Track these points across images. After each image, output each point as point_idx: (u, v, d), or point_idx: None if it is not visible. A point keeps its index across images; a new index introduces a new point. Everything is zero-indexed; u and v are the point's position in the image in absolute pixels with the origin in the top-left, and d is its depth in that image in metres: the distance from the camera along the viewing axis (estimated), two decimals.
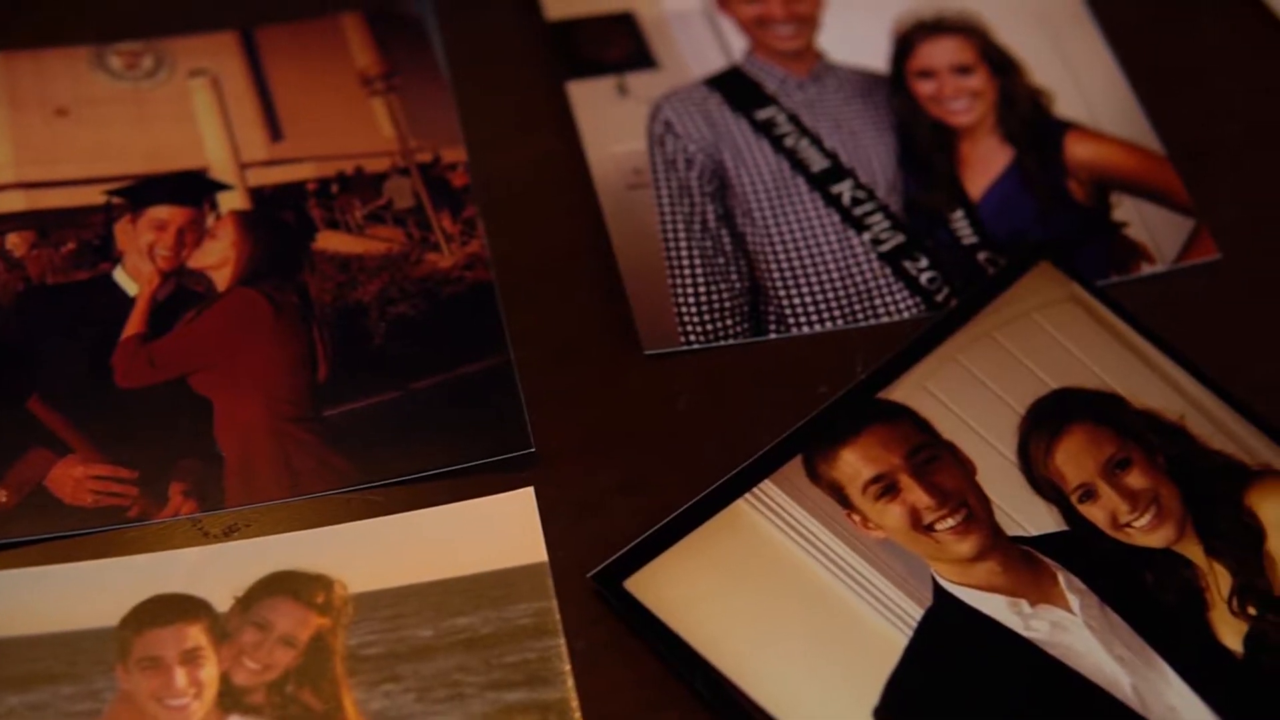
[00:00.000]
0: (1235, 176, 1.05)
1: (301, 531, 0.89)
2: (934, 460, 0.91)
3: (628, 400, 0.94)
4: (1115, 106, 1.08)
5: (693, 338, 0.96)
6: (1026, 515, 0.89)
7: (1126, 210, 1.03)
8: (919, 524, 0.88)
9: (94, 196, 1.01)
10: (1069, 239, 1.02)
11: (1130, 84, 1.10)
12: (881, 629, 0.85)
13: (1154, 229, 1.03)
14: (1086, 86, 1.09)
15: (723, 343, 0.97)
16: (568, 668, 0.83)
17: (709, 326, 0.97)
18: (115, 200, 1.01)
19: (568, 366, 0.96)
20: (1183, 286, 1.01)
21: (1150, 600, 0.87)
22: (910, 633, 0.85)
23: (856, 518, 0.89)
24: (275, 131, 1.05)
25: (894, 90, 1.09)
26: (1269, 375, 0.96)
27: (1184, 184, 1.05)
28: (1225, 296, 1.00)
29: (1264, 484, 0.91)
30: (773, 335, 0.97)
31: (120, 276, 0.98)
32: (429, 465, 0.91)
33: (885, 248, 1.01)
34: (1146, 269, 1.01)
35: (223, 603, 0.86)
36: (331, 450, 0.91)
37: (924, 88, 1.08)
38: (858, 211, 1.02)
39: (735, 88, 1.08)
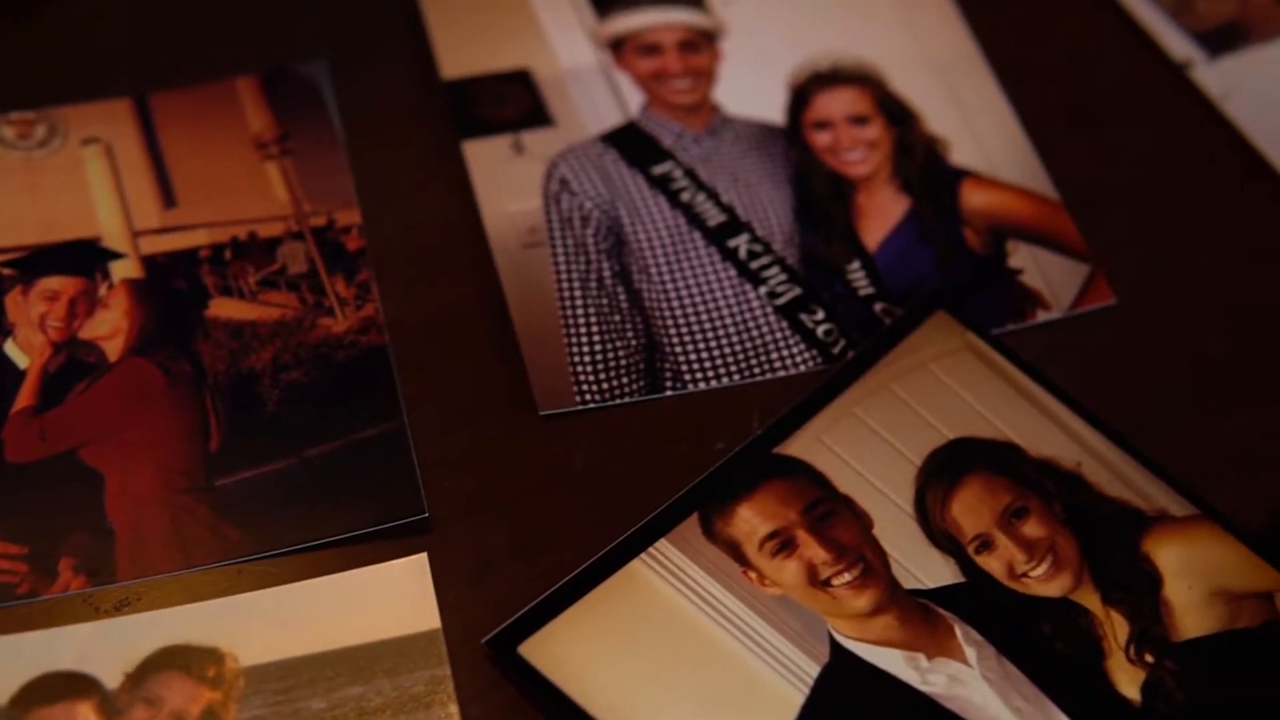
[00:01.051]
0: (1131, 221, 1.06)
1: (193, 604, 0.88)
2: (831, 515, 0.90)
3: (523, 461, 0.94)
4: (1011, 153, 1.08)
5: (588, 397, 0.96)
6: (923, 568, 0.89)
7: (1022, 257, 1.04)
8: (816, 579, 0.88)
9: None
10: (965, 288, 1.02)
11: (1025, 130, 1.10)
12: (779, 687, 0.85)
13: (1050, 276, 1.03)
14: (982, 134, 1.09)
15: (619, 401, 0.96)
16: None
17: (605, 385, 0.96)
18: (6, 272, 1.00)
19: (463, 429, 0.95)
20: (1079, 332, 1.01)
21: (1047, 650, 0.87)
22: (807, 690, 0.84)
23: (753, 575, 0.88)
24: (169, 198, 1.04)
25: (791, 142, 1.09)
26: (1165, 420, 0.96)
27: (1079, 229, 1.05)
28: (1121, 342, 1.00)
29: (1160, 530, 0.91)
30: (669, 392, 0.97)
31: (11, 349, 0.97)
32: (321, 533, 0.90)
33: (782, 301, 1.01)
34: (1043, 316, 1.01)
35: (113, 679, 0.84)
36: (223, 520, 0.90)
37: (820, 139, 1.08)
38: (754, 265, 1.02)
39: (632, 143, 1.08)
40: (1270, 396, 0.98)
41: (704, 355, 0.98)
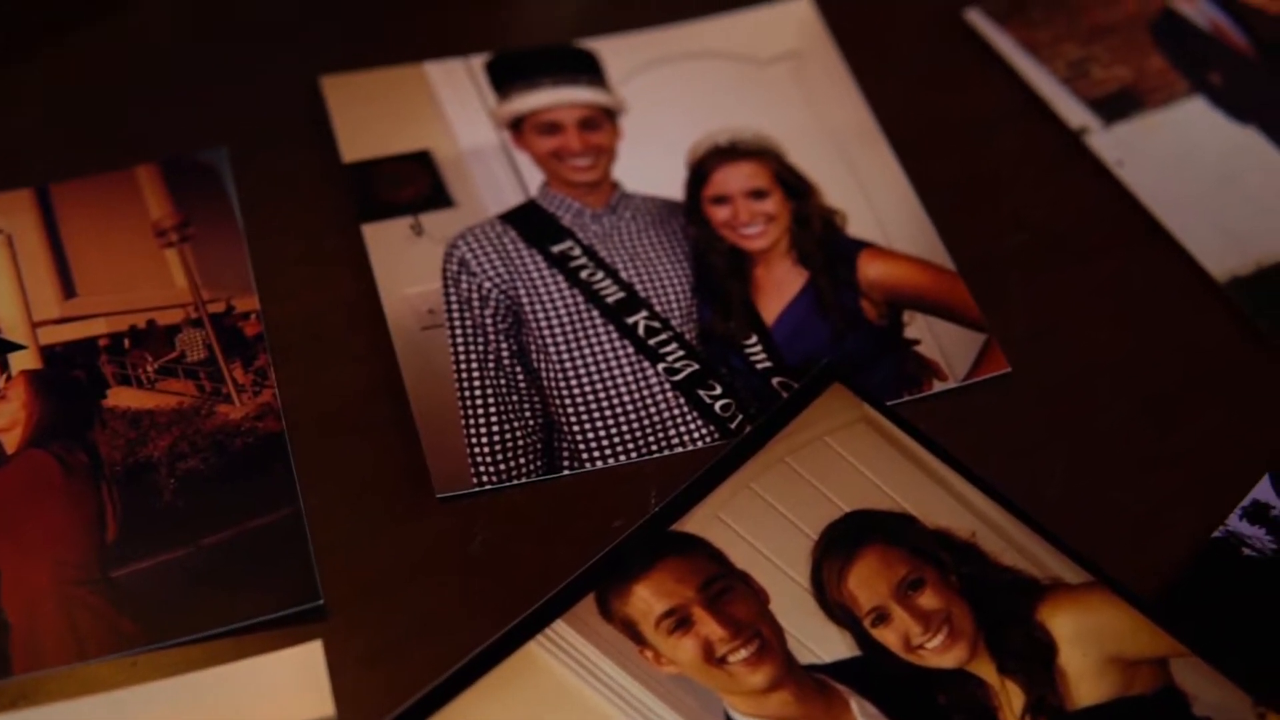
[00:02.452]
0: (1026, 288, 1.07)
1: (89, 697, 0.88)
2: (727, 591, 0.91)
3: (420, 544, 0.94)
4: (908, 223, 1.09)
5: (485, 478, 0.96)
6: (819, 642, 0.89)
7: (919, 328, 1.04)
8: (712, 657, 0.88)
9: None
10: (862, 359, 1.03)
11: (922, 200, 1.10)
12: None
13: (946, 345, 1.03)
14: (879, 205, 1.10)
15: (516, 482, 0.96)
16: None
17: (502, 466, 0.96)
18: None
19: (360, 514, 0.95)
20: (974, 402, 1.02)
21: None
22: None
23: (650, 654, 0.88)
24: (69, 288, 1.04)
25: (690, 218, 1.09)
26: (1059, 487, 0.97)
27: (975, 298, 1.05)
28: (1016, 410, 1.01)
29: (1054, 598, 0.92)
30: (566, 471, 0.97)
31: None
32: (217, 623, 0.90)
33: (679, 377, 1.01)
34: (938, 386, 1.02)
35: None
36: (119, 613, 0.90)
37: (719, 214, 1.09)
38: (653, 342, 1.03)
39: (531, 222, 1.08)
40: (1162, 461, 0.99)
41: (601, 433, 0.98)
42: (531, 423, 0.98)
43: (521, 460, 0.97)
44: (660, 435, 0.98)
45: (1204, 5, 1.27)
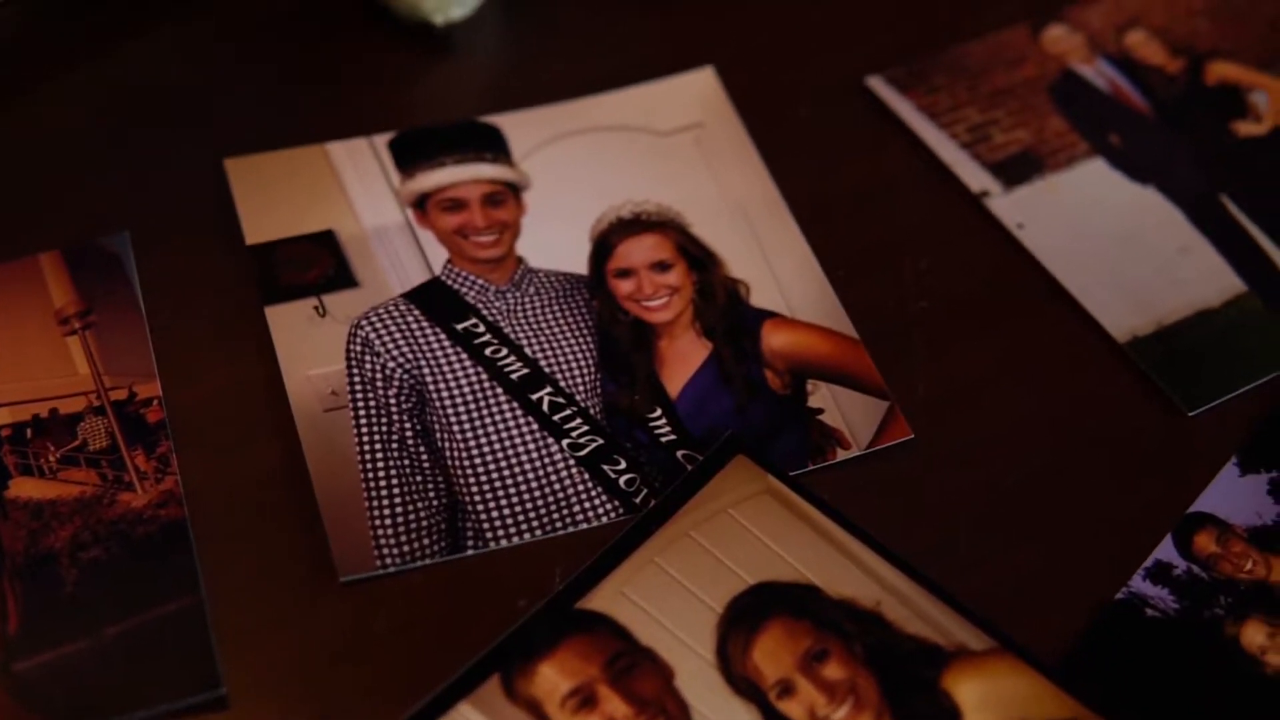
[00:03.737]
0: (929, 354, 1.07)
1: None
2: (632, 668, 0.91)
3: (324, 630, 0.94)
4: (810, 292, 1.10)
5: (389, 560, 0.96)
6: (725, 717, 0.90)
7: (822, 397, 1.05)
8: None
9: None
10: (766, 430, 1.03)
11: (824, 268, 1.11)
12: None
13: (849, 414, 1.04)
14: (782, 274, 1.11)
15: (420, 563, 0.96)
16: None
17: (406, 548, 0.96)
18: None
19: (263, 600, 0.95)
20: (878, 469, 1.02)
21: None
22: None
23: None
24: None
25: (594, 292, 1.10)
26: (963, 553, 0.98)
27: (878, 366, 1.06)
28: (920, 476, 1.02)
29: (959, 665, 0.92)
30: (471, 551, 0.97)
31: None
32: (120, 714, 0.89)
33: (584, 453, 1.01)
34: (842, 454, 1.02)
35: None
36: (20, 706, 0.90)
37: (623, 287, 1.10)
38: (557, 417, 1.03)
39: (435, 300, 1.08)
40: (1066, 524, 1.00)
41: (506, 512, 0.98)
42: (436, 503, 0.98)
43: (426, 541, 0.97)
44: (565, 512, 0.98)
45: (1103, 66, 1.28)
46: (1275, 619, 0.97)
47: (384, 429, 1.01)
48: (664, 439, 1.02)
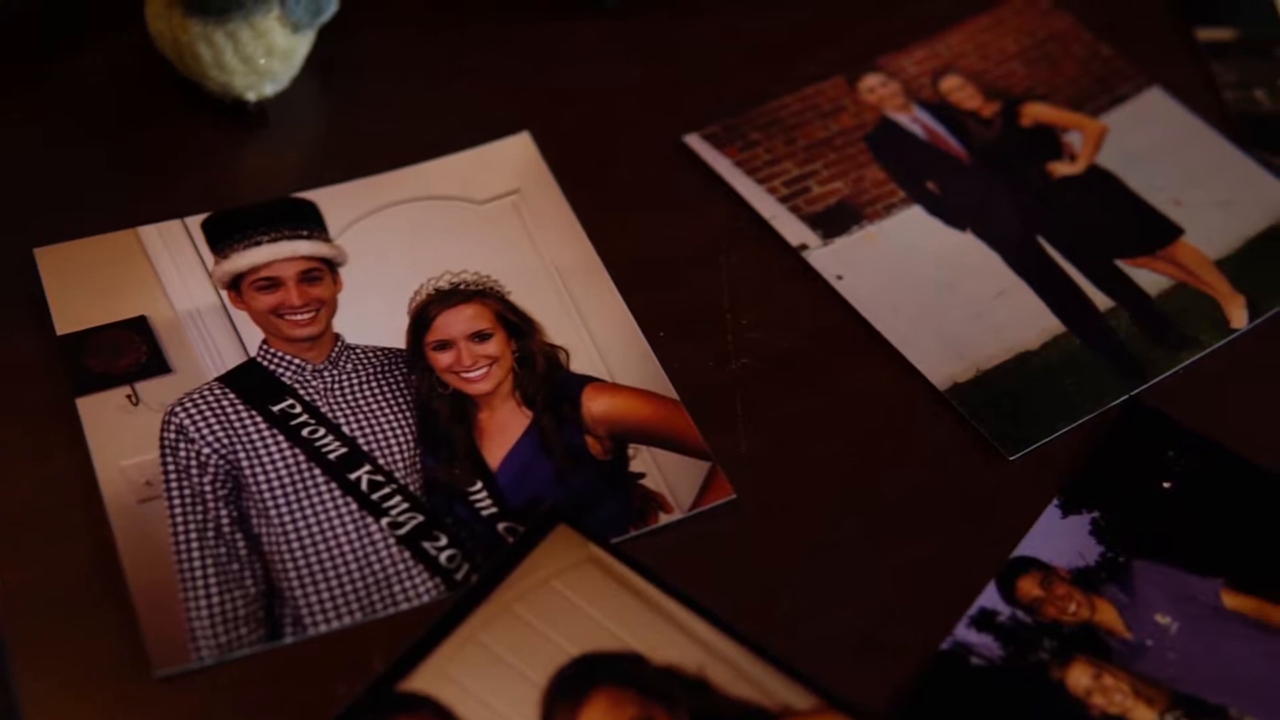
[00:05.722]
0: (749, 413, 1.07)
1: None
2: None
3: None
4: (629, 355, 1.10)
5: (205, 652, 0.94)
6: None
7: (644, 461, 1.04)
8: None
9: None
10: (587, 498, 1.02)
11: (643, 331, 1.11)
12: None
13: (670, 477, 1.04)
14: (601, 339, 1.11)
15: (237, 653, 0.94)
16: None
17: (222, 639, 0.95)
18: None
19: (80, 699, 0.93)
20: (701, 531, 1.02)
21: None
22: None
23: None
24: None
25: (412, 366, 1.09)
26: (788, 611, 0.98)
27: (699, 426, 1.06)
28: (743, 536, 1.02)
29: None
30: (289, 638, 0.95)
31: None
32: None
33: (404, 531, 1.00)
34: (665, 518, 1.01)
35: None
36: None
37: (442, 359, 1.09)
38: (376, 496, 1.02)
39: (250, 382, 1.07)
40: (891, 575, 1.00)
41: (325, 595, 0.97)
42: (253, 590, 0.97)
43: (243, 630, 0.95)
44: (385, 593, 0.97)
45: (919, 113, 1.29)
46: (1100, 660, 0.97)
47: (199, 517, 1.00)
48: (485, 512, 1.02)
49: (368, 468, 1.03)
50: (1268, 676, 0.97)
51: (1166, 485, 1.06)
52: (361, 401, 1.07)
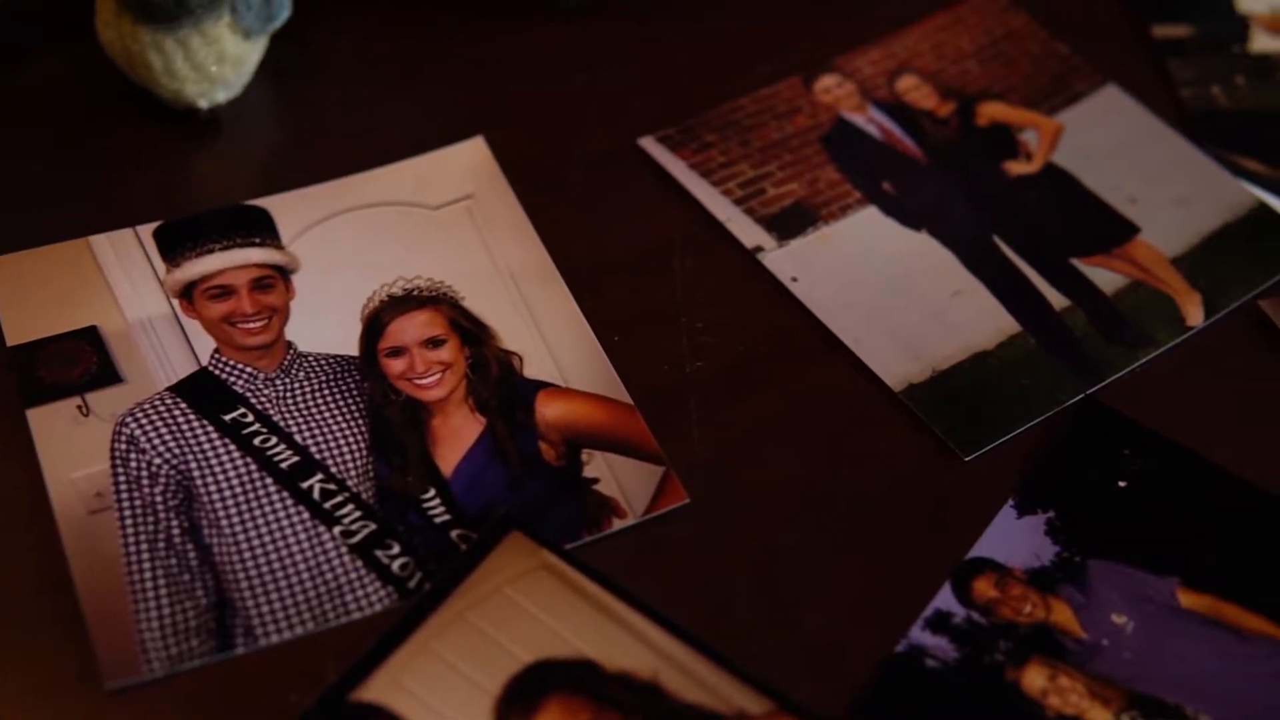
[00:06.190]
0: (704, 416, 1.07)
1: None
2: None
3: None
4: (583, 360, 1.09)
5: (155, 665, 0.94)
6: None
7: (598, 466, 1.04)
8: None
9: None
10: (541, 504, 1.02)
11: (597, 335, 1.10)
12: None
13: (624, 482, 1.03)
14: (556, 344, 1.10)
15: (188, 665, 0.94)
16: None
17: (174, 650, 0.94)
18: None
19: (27, 714, 0.93)
20: (654, 536, 1.02)
21: None
22: None
23: None
24: None
25: (365, 373, 1.08)
26: (741, 615, 0.98)
27: (653, 430, 1.05)
28: (696, 540, 1.01)
29: None
30: (240, 649, 0.95)
31: None
32: None
33: (356, 539, 1.00)
34: (618, 524, 1.01)
35: None
36: None
37: (395, 366, 1.08)
38: (328, 505, 1.01)
39: (202, 391, 1.06)
40: (845, 578, 1.01)
41: (276, 605, 0.96)
42: (204, 601, 0.96)
43: (194, 642, 0.95)
44: (338, 602, 0.97)
45: (874, 113, 1.29)
46: (1055, 661, 0.97)
47: (150, 529, 0.99)
48: (438, 520, 1.01)
49: (320, 476, 1.03)
50: (1223, 675, 0.97)
51: (1122, 484, 1.05)
52: (314, 410, 1.06)
